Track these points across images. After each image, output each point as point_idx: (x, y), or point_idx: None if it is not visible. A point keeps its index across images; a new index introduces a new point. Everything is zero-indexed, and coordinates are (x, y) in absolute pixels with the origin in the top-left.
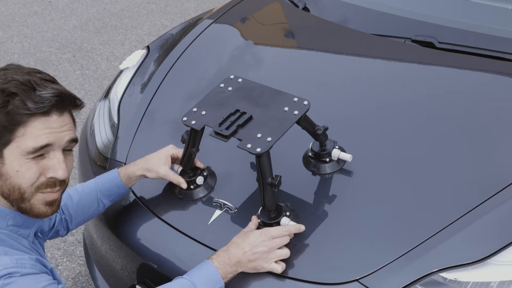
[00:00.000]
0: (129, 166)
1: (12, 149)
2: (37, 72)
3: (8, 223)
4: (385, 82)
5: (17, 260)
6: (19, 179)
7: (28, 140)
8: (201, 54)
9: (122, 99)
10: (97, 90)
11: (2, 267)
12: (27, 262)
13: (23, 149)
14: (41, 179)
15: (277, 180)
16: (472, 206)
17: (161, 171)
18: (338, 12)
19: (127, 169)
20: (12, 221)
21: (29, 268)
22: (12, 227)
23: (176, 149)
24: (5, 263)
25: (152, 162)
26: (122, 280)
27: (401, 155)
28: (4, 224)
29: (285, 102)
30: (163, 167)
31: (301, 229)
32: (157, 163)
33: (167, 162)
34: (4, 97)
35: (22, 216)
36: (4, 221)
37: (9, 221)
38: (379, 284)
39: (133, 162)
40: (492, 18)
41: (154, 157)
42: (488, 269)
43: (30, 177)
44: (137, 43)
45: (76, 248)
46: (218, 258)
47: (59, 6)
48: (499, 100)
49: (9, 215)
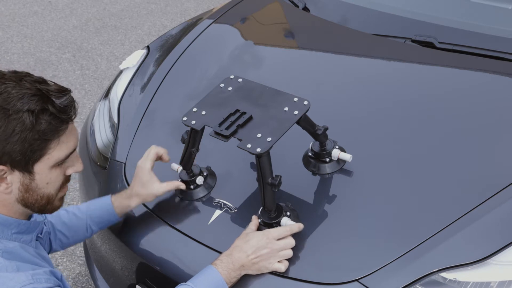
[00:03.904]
0: (122, 199)
1: (43, 163)
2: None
3: (12, 231)
4: (385, 82)
5: (32, 275)
6: (49, 188)
7: (60, 150)
8: (201, 54)
9: (122, 99)
10: (97, 90)
11: (20, 284)
12: (42, 276)
13: (54, 160)
14: (63, 179)
15: (277, 180)
16: (472, 206)
17: (158, 191)
18: (338, 12)
19: (121, 203)
20: (16, 229)
21: (45, 282)
22: (16, 235)
23: (147, 161)
24: (22, 280)
25: (144, 189)
26: (122, 280)
27: (401, 155)
28: (9, 233)
29: (285, 102)
30: (154, 185)
31: (300, 228)
32: (147, 187)
33: (152, 177)
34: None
35: (25, 224)
36: (8, 230)
37: (13, 230)
38: (379, 284)
39: (125, 193)
40: (492, 18)
41: (140, 183)
42: (488, 269)
43: (58, 183)
44: (137, 43)
45: (76, 248)
46: (221, 263)
47: (59, 6)
48: (499, 100)
49: (13, 224)
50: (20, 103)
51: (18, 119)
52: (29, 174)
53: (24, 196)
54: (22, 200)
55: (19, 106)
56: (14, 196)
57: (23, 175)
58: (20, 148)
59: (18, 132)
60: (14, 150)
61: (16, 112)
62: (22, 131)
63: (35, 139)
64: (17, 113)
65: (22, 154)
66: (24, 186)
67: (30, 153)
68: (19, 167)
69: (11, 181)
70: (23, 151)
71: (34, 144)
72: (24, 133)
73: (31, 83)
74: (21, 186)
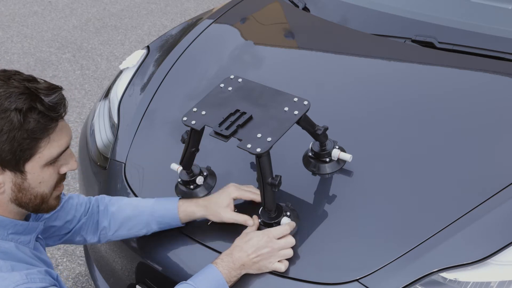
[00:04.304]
0: (190, 204)
1: (34, 161)
2: (15, 74)
3: (9, 232)
4: (385, 82)
5: (27, 275)
6: (42, 188)
7: (51, 148)
8: (201, 54)
9: (122, 99)
10: (97, 90)
11: (14, 284)
12: (36, 276)
13: (46, 158)
14: (57, 178)
15: (277, 180)
16: (472, 206)
17: (225, 216)
18: (338, 12)
19: (187, 207)
20: (13, 230)
21: (39, 282)
22: (12, 235)
23: (237, 191)
24: (16, 280)
25: (215, 207)
26: (122, 280)
27: (401, 155)
28: (5, 233)
29: (285, 102)
30: (226, 210)
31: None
32: (220, 207)
33: (230, 205)
34: (20, 115)
35: (22, 225)
36: (4, 231)
37: (9, 230)
38: (379, 284)
39: (196, 200)
40: (492, 18)
41: (216, 200)
42: (488, 269)
43: (52, 182)
44: (137, 43)
45: (76, 248)
46: (222, 262)
47: (59, 6)
48: (499, 100)
49: (10, 225)
50: (7, 102)
51: (5, 118)
52: (20, 174)
53: (18, 196)
54: (15, 200)
55: (7, 105)
56: (7, 196)
57: (14, 175)
58: (9, 147)
59: (7, 132)
60: (3, 150)
61: (3, 111)
62: (11, 130)
63: (24, 138)
64: (4, 112)
65: (12, 154)
66: (16, 186)
67: (20, 152)
68: (10, 166)
69: (3, 181)
70: (13, 151)
71: (24, 143)
72: (13, 132)
73: (19, 81)
74: (14, 186)
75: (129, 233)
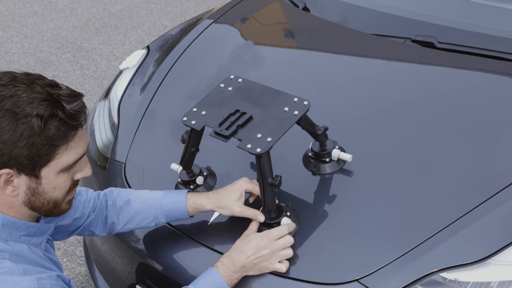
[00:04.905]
0: (199, 197)
1: (51, 167)
2: (39, 78)
3: (21, 233)
4: (385, 82)
5: (38, 279)
6: (55, 193)
7: (68, 156)
8: (201, 54)
9: (122, 99)
10: (97, 90)
11: None
12: (47, 281)
13: (62, 165)
14: (71, 184)
15: (277, 180)
16: (472, 206)
17: (236, 209)
18: (338, 12)
19: (197, 200)
20: (25, 232)
21: (50, 287)
22: (25, 237)
23: (249, 184)
24: (27, 284)
25: (226, 199)
26: (122, 280)
27: (401, 155)
28: (17, 235)
29: (285, 102)
30: (237, 203)
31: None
32: (231, 200)
33: (241, 198)
34: (41, 121)
35: (34, 226)
36: (17, 232)
37: (22, 232)
38: (379, 284)
39: (205, 193)
40: (492, 18)
41: (227, 193)
42: (488, 269)
43: (65, 188)
44: (137, 43)
45: (76, 248)
46: (222, 265)
47: (59, 6)
48: (499, 100)
49: (22, 227)
50: (29, 107)
51: (26, 123)
52: (35, 179)
53: (31, 199)
54: (28, 203)
55: (28, 111)
56: (20, 199)
57: (29, 179)
58: (27, 152)
59: (26, 137)
60: (21, 155)
61: (25, 116)
62: (30, 136)
63: (43, 144)
64: (26, 117)
65: (29, 159)
66: (30, 190)
67: (38, 158)
68: (26, 171)
69: (18, 184)
70: (31, 156)
71: (42, 149)
72: (32, 138)
73: (42, 86)
74: (28, 189)
75: (138, 226)
